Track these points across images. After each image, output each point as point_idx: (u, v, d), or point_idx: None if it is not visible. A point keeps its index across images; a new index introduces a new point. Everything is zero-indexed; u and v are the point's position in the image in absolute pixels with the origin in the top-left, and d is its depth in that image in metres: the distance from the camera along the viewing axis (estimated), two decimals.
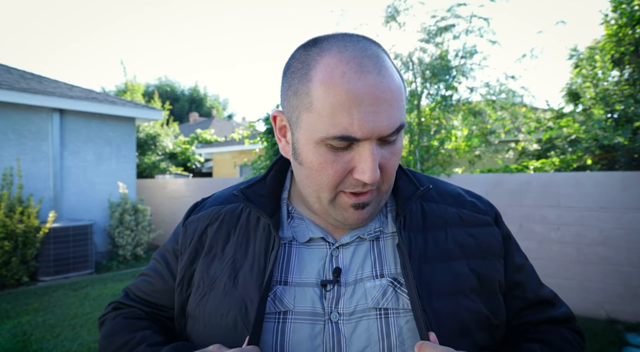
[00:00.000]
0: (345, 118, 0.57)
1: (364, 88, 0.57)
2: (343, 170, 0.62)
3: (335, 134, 0.58)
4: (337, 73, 0.58)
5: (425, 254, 0.68)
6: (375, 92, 0.58)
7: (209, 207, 0.79)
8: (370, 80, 0.58)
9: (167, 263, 0.80)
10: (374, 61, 0.59)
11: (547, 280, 4.25)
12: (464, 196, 0.79)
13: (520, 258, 0.78)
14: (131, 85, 14.01)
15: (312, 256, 0.69)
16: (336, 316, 0.64)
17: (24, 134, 6.31)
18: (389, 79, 0.59)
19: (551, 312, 0.76)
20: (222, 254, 0.72)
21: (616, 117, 5.05)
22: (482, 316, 0.67)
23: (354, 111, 0.57)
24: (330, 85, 0.58)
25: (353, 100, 0.57)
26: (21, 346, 3.51)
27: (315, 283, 0.67)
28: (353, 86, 0.57)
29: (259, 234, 0.72)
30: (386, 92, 0.58)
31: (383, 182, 0.65)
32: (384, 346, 0.62)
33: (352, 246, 0.70)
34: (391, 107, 0.59)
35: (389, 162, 0.63)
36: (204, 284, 0.71)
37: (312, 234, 0.70)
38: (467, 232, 0.72)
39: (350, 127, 0.58)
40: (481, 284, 0.68)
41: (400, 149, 0.65)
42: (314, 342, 0.63)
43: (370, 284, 0.66)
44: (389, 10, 5.87)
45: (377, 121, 0.58)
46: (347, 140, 0.59)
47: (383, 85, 0.58)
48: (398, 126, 0.60)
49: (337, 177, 0.62)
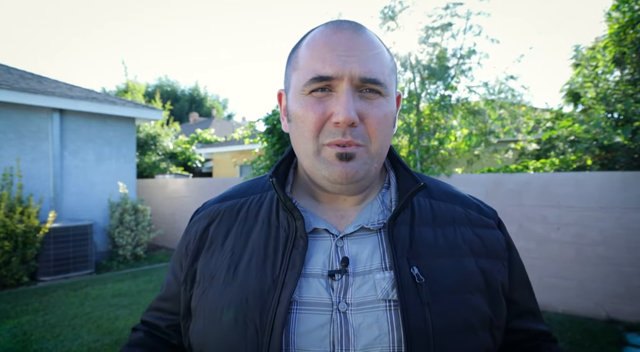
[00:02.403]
0: (319, 62, 0.64)
1: (338, 39, 0.64)
2: (322, 113, 0.65)
3: (310, 76, 0.64)
4: (318, 34, 0.67)
5: (436, 248, 0.69)
6: (348, 42, 0.64)
7: (209, 206, 0.81)
8: (345, 34, 0.65)
9: (174, 270, 0.81)
10: (352, 24, 0.67)
11: (547, 280, 4.25)
12: (470, 199, 0.80)
13: (521, 266, 0.80)
14: (132, 85, 14.02)
15: (317, 247, 0.69)
16: (344, 306, 0.64)
17: (24, 134, 6.31)
18: (365, 38, 0.65)
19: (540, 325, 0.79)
20: (222, 249, 0.73)
21: (616, 117, 5.05)
22: (486, 316, 0.67)
23: (327, 55, 0.64)
24: (311, 42, 0.67)
25: (327, 47, 0.64)
26: (21, 346, 3.51)
27: (320, 274, 0.66)
28: (329, 38, 0.65)
29: (258, 227, 0.73)
30: (361, 44, 0.64)
31: (371, 141, 0.66)
32: (394, 337, 0.62)
33: (357, 237, 0.70)
34: (365, 56, 0.64)
35: (370, 114, 0.65)
36: (204, 279, 0.71)
37: (316, 224, 0.71)
38: (473, 232, 0.73)
39: (322, 68, 0.63)
40: (487, 283, 0.69)
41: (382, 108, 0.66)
42: (320, 332, 0.62)
43: (379, 275, 0.66)
44: (386, 10, 5.87)
45: (349, 61, 0.63)
46: (321, 80, 0.64)
47: (358, 38, 0.65)
48: (374, 77, 0.64)
49: (317, 122, 0.65)
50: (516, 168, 5.26)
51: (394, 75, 0.70)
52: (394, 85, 0.70)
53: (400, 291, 0.63)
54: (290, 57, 0.72)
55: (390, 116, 0.68)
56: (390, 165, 0.80)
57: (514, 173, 4.74)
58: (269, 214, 0.74)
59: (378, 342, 0.61)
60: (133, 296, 5.06)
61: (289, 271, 0.66)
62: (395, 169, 0.78)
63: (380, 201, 0.74)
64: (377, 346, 0.61)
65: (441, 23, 5.74)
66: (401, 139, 6.06)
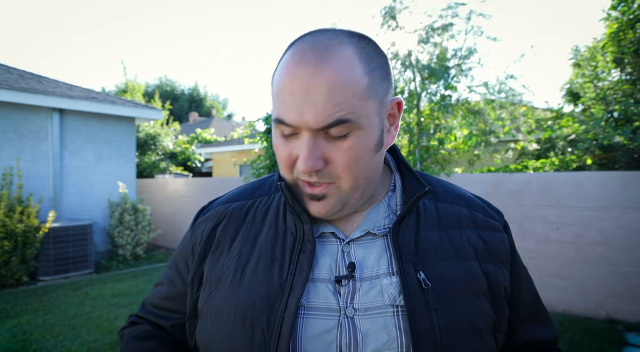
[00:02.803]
0: (279, 105, 0.62)
1: (297, 80, 0.60)
2: (289, 155, 0.64)
3: (274, 117, 0.63)
4: (284, 65, 0.63)
5: (442, 252, 0.68)
6: (306, 84, 0.59)
7: (216, 208, 0.79)
8: (303, 73, 0.59)
9: (178, 269, 0.80)
10: (318, 53, 0.60)
11: (547, 280, 4.25)
12: (476, 200, 0.80)
13: (524, 270, 0.79)
14: (132, 85, 14.01)
15: (324, 252, 0.68)
16: (352, 312, 0.63)
17: (24, 134, 6.31)
18: (327, 73, 0.59)
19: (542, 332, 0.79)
20: (229, 251, 0.72)
21: (616, 117, 5.05)
22: (491, 319, 0.67)
23: (287, 100, 0.61)
24: (278, 75, 0.63)
25: (287, 90, 0.61)
26: (21, 346, 3.51)
27: (327, 279, 0.66)
28: (288, 76, 0.61)
29: (265, 230, 0.72)
30: (319, 85, 0.58)
31: (341, 179, 0.64)
32: (402, 343, 0.62)
33: (364, 242, 0.69)
34: (323, 100, 0.58)
35: (337, 157, 0.62)
36: (212, 282, 0.71)
37: (324, 229, 0.70)
38: (478, 235, 0.73)
39: (283, 114, 0.61)
40: (490, 287, 0.69)
41: (354, 147, 0.62)
42: (328, 338, 0.62)
43: (387, 281, 0.65)
44: (386, 10, 5.87)
45: (305, 112, 0.59)
46: (283, 125, 0.62)
47: (317, 78, 0.59)
48: (334, 121, 0.59)
49: (286, 161, 0.65)
50: (516, 168, 5.26)
51: (373, 100, 0.62)
52: (373, 111, 0.63)
53: (407, 296, 0.63)
54: (272, 79, 0.68)
55: (368, 149, 0.63)
56: (395, 167, 0.79)
57: (514, 173, 4.74)
58: (277, 217, 0.73)
59: (387, 348, 0.61)
60: (133, 296, 5.06)
61: (297, 276, 0.65)
62: (400, 171, 0.78)
63: (386, 204, 0.73)
64: (386, 351, 0.61)
65: (442, 23, 5.74)
66: (401, 139, 6.06)
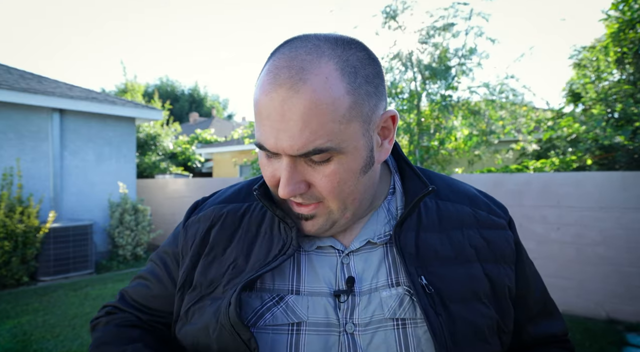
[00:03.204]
0: (259, 127, 0.59)
1: (271, 102, 0.56)
2: (272, 176, 0.62)
3: (255, 140, 0.61)
4: (260, 83, 0.58)
5: (442, 255, 0.66)
6: (281, 109, 0.55)
7: (210, 207, 0.76)
8: (278, 95, 0.55)
9: (167, 267, 0.76)
10: (294, 72, 0.55)
11: (547, 280, 4.23)
12: (479, 197, 0.76)
13: (530, 266, 0.77)
14: (131, 85, 14.03)
15: (322, 264, 0.66)
16: (351, 327, 0.62)
17: (24, 134, 6.31)
18: (302, 95, 0.54)
19: (552, 326, 0.77)
20: (222, 257, 0.69)
21: (616, 117, 5.05)
22: (494, 322, 0.66)
23: (264, 123, 0.57)
24: (256, 94, 0.59)
25: (262, 113, 0.57)
26: (21, 346, 3.51)
27: (327, 293, 0.64)
28: (263, 99, 0.57)
29: (260, 238, 0.70)
30: (293, 111, 0.54)
31: (327, 200, 0.61)
32: None
33: (363, 253, 0.67)
34: (298, 127, 0.54)
35: (318, 182, 0.59)
36: (202, 287, 0.68)
37: (320, 241, 0.68)
38: (481, 235, 0.70)
39: (262, 137, 0.59)
40: (493, 289, 0.67)
41: (336, 173, 0.59)
42: None
43: (386, 293, 0.64)
44: (387, 10, 5.87)
45: (280, 138, 0.56)
46: (263, 150, 0.60)
47: (291, 102, 0.54)
48: (311, 149, 0.55)
49: (270, 182, 0.63)
50: (516, 168, 5.26)
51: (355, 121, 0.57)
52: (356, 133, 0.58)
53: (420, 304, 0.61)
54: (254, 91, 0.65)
55: (352, 172, 0.60)
56: (395, 167, 0.76)
57: (514, 173, 4.74)
58: (272, 225, 0.70)
59: None
60: None
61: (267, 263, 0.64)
62: (401, 170, 0.75)
63: (385, 209, 0.70)
64: None
65: (443, 23, 5.74)
66: (401, 139, 6.06)
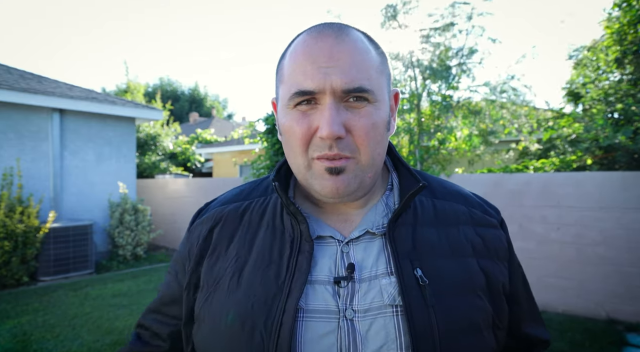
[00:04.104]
0: (301, 75, 0.62)
1: (319, 49, 0.62)
2: (308, 128, 0.63)
3: (293, 90, 0.63)
4: (299, 43, 0.65)
5: (439, 249, 0.68)
6: (329, 51, 0.62)
7: (212, 210, 0.79)
8: (326, 42, 0.62)
9: (176, 273, 0.79)
10: (335, 29, 0.64)
11: (547, 280, 4.25)
12: (473, 197, 0.80)
13: (520, 268, 0.80)
14: (132, 85, 14.03)
15: (323, 253, 0.68)
16: (351, 313, 0.63)
17: (24, 134, 6.31)
18: (348, 44, 0.63)
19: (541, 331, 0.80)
20: (226, 254, 0.72)
21: (617, 117, 5.05)
22: (489, 316, 0.67)
23: (308, 68, 0.62)
24: (293, 53, 0.65)
25: (307, 59, 0.62)
26: (21, 346, 3.51)
27: (327, 281, 0.66)
28: (309, 48, 0.63)
29: (262, 231, 0.72)
30: (342, 53, 0.62)
31: (360, 151, 0.64)
32: (401, 343, 0.61)
33: (363, 242, 0.69)
34: (347, 66, 0.61)
35: (356, 124, 0.63)
36: (208, 285, 0.70)
37: (321, 231, 0.70)
38: (476, 232, 0.73)
39: (304, 82, 0.62)
40: (488, 284, 0.69)
41: (371, 115, 0.63)
42: (328, 340, 0.62)
43: (385, 281, 0.65)
44: (388, 10, 5.87)
45: (330, 74, 0.61)
46: (304, 95, 0.62)
47: (340, 46, 0.62)
48: (356, 86, 0.61)
49: (303, 137, 0.64)
50: (516, 168, 5.25)
51: (384, 77, 0.67)
52: (384, 87, 0.67)
53: (404, 294, 0.63)
54: (277, 68, 0.70)
55: (381, 123, 0.65)
56: (392, 165, 0.78)
57: (514, 173, 4.74)
58: (273, 217, 0.73)
59: (386, 349, 0.61)
60: (133, 296, 5.06)
61: (295, 277, 0.65)
62: (397, 169, 0.77)
63: (384, 203, 0.73)
64: None
65: (444, 23, 5.74)
66: (401, 138, 6.06)
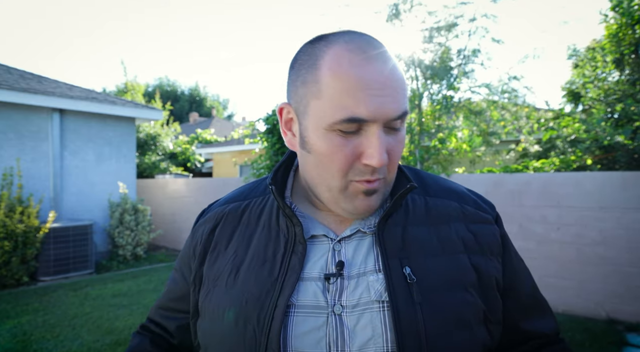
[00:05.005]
0: (353, 101, 0.60)
1: (371, 74, 0.61)
2: (352, 154, 0.63)
3: (343, 116, 0.61)
4: (344, 60, 0.61)
5: (429, 247, 0.69)
6: (381, 77, 0.61)
7: (214, 210, 0.82)
8: (376, 67, 0.61)
9: (182, 271, 0.83)
10: (379, 51, 0.63)
11: (547, 280, 4.25)
12: (467, 194, 0.80)
13: (519, 262, 0.80)
14: (132, 85, 14.03)
15: (315, 252, 0.70)
16: (339, 308, 0.65)
17: (24, 134, 6.31)
18: (393, 68, 0.63)
19: (544, 323, 0.78)
20: (225, 251, 0.75)
21: (616, 117, 5.05)
22: (480, 311, 0.68)
23: (361, 94, 0.60)
24: (338, 72, 0.61)
25: (360, 85, 0.60)
26: (21, 346, 3.51)
27: (318, 277, 0.68)
28: (360, 71, 0.60)
29: (259, 231, 0.74)
30: (392, 79, 0.62)
31: (390, 172, 0.67)
32: (387, 337, 0.63)
33: (354, 240, 0.71)
34: (396, 92, 0.62)
35: (394, 149, 0.65)
36: (209, 281, 0.74)
37: (315, 231, 0.72)
38: (468, 228, 0.73)
39: (357, 110, 0.60)
40: (480, 280, 0.69)
41: (404, 138, 0.67)
42: (317, 334, 0.64)
43: (373, 277, 0.67)
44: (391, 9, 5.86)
45: (384, 103, 0.61)
46: (354, 122, 0.61)
47: (389, 71, 0.62)
48: (403, 111, 0.63)
49: (346, 163, 0.63)
50: (516, 168, 5.25)
51: None
52: None
53: (391, 291, 0.64)
54: (305, 76, 0.65)
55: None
56: None
57: (514, 173, 4.74)
58: (270, 218, 0.75)
59: (372, 343, 0.63)
60: (133, 296, 5.06)
61: (287, 275, 0.67)
62: None
63: None
64: (372, 346, 0.63)
65: (446, 23, 5.73)
66: None
